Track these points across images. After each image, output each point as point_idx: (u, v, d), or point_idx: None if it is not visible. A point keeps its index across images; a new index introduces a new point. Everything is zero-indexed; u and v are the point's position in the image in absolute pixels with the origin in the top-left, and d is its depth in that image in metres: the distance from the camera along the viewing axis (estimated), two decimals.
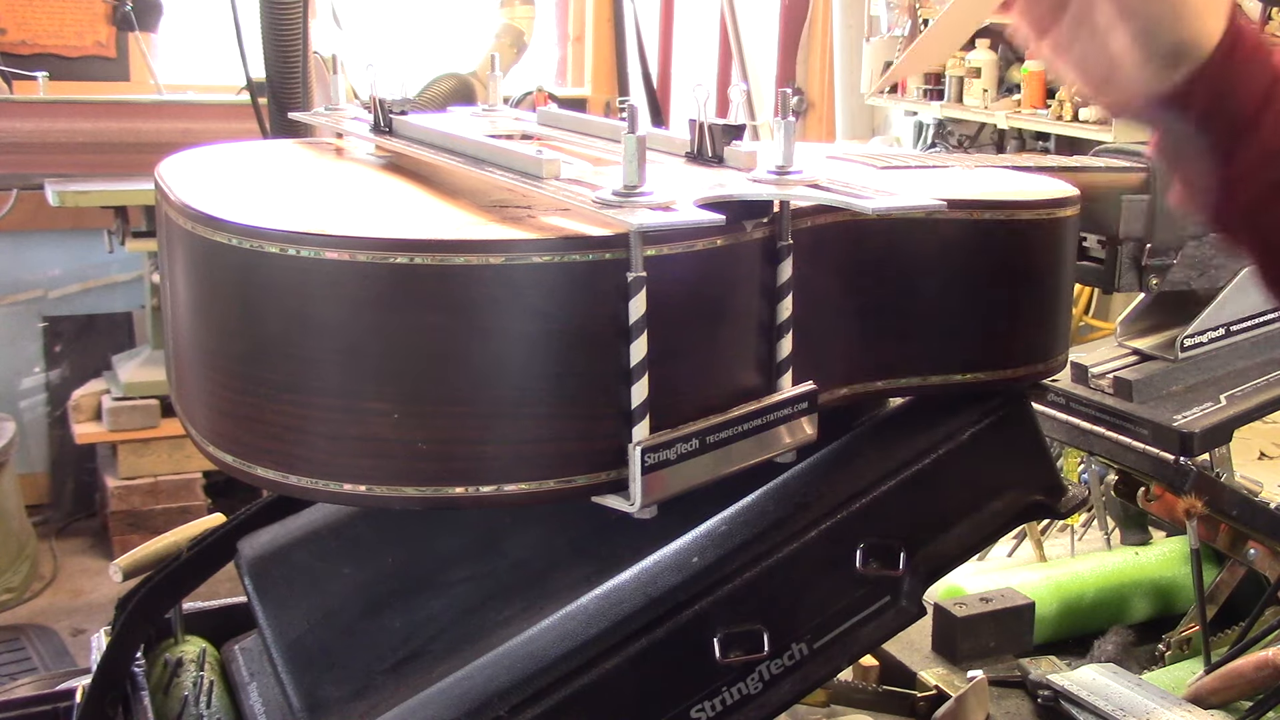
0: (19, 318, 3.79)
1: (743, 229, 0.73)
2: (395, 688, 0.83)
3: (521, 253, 0.66)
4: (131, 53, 3.80)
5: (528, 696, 0.75)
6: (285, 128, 1.54)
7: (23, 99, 3.41)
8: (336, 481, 0.68)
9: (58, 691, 1.50)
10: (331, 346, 0.66)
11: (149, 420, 3.48)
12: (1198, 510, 1.16)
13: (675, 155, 0.90)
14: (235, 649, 1.12)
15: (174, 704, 1.07)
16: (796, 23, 4.39)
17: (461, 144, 0.87)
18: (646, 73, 4.07)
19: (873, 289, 0.83)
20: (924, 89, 3.84)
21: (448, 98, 3.48)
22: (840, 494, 0.82)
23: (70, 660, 3.01)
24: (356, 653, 0.89)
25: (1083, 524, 1.45)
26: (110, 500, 3.51)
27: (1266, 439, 1.69)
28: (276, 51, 1.55)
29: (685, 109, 4.25)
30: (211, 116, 3.35)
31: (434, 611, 0.89)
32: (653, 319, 0.68)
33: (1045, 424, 1.16)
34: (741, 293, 0.74)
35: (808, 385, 0.78)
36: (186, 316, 0.74)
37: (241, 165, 0.94)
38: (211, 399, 0.72)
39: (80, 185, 3.18)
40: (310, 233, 0.66)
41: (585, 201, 0.70)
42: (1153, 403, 1.17)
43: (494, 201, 0.77)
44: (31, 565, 3.46)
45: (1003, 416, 0.89)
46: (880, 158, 0.92)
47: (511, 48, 3.84)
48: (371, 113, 0.98)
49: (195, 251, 0.72)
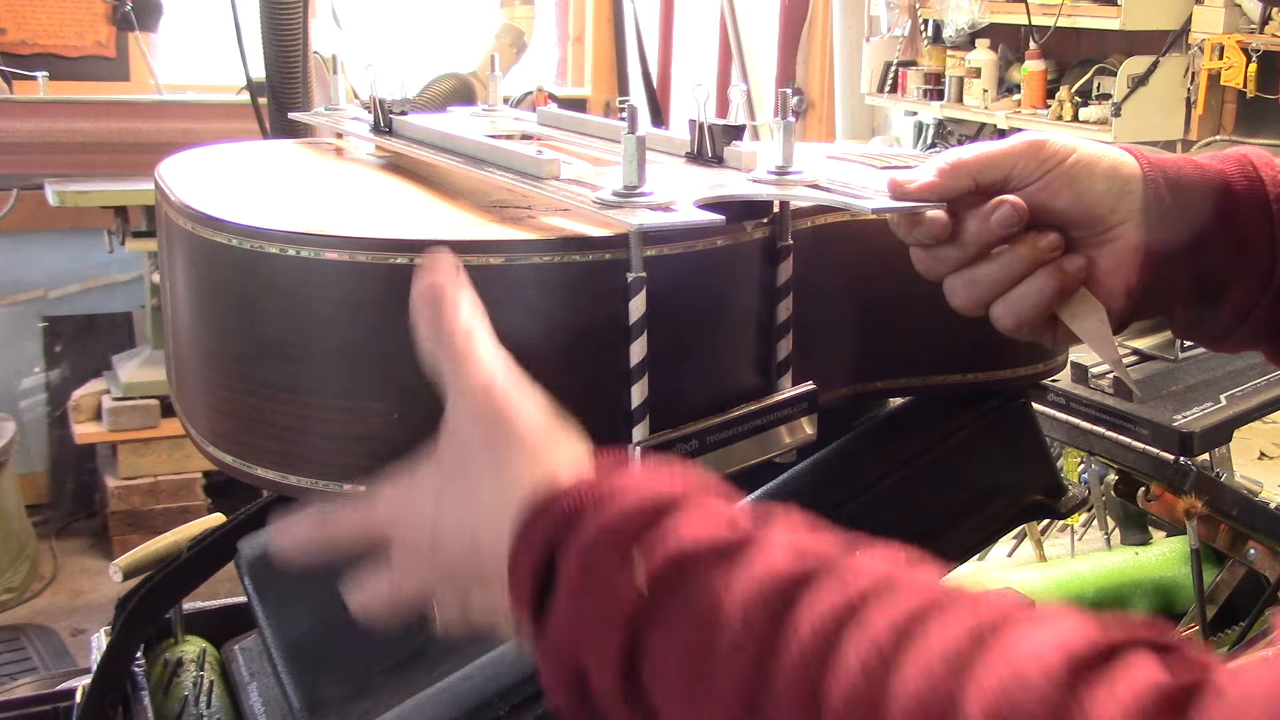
0: (19, 318, 3.79)
1: (743, 229, 0.73)
2: (395, 688, 0.83)
3: (521, 253, 0.66)
4: (131, 53, 3.80)
5: (528, 696, 0.75)
6: (285, 128, 1.54)
7: (23, 99, 3.41)
8: (336, 482, 0.68)
9: (58, 691, 1.50)
10: (331, 347, 0.66)
11: (149, 420, 3.48)
12: (1198, 510, 1.16)
13: (675, 155, 0.90)
14: (235, 649, 1.12)
15: (174, 704, 1.07)
16: (796, 23, 4.39)
17: (461, 144, 0.87)
18: (646, 73, 4.07)
19: (873, 289, 0.83)
20: (924, 89, 3.84)
21: (448, 98, 3.48)
22: (840, 494, 0.82)
23: (70, 660, 3.01)
24: (356, 653, 0.88)
25: (1083, 524, 1.45)
26: (110, 500, 3.51)
27: (1266, 439, 1.69)
28: (276, 51, 1.55)
29: (685, 109, 4.25)
30: (211, 116, 3.35)
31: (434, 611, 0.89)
32: (652, 319, 0.68)
33: (1045, 424, 1.16)
34: (741, 293, 0.74)
35: (808, 385, 0.78)
36: (186, 317, 0.74)
37: (241, 165, 0.94)
38: (211, 399, 0.72)
39: (80, 185, 3.18)
40: (310, 233, 0.66)
41: (585, 202, 0.70)
42: (1153, 403, 1.17)
43: (494, 202, 0.77)
44: (31, 565, 3.46)
45: (1003, 416, 0.89)
46: (880, 158, 0.92)
47: (511, 48, 3.84)
48: (371, 113, 0.98)
49: (195, 252, 0.72)
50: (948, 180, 0.74)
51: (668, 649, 0.52)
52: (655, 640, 0.52)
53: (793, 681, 0.48)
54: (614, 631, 0.52)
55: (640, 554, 0.53)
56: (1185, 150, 3.20)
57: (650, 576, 0.52)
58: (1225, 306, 0.77)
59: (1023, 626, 0.47)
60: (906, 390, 0.88)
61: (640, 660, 0.53)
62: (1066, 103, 3.38)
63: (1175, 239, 0.75)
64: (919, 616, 0.48)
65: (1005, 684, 0.44)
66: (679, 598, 0.52)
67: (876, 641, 0.47)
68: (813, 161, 0.84)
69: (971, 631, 0.47)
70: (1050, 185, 0.74)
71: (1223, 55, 3.03)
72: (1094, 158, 0.75)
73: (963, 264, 0.75)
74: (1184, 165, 0.76)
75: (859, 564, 0.52)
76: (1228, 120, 3.21)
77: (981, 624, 0.47)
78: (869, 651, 0.47)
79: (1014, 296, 0.74)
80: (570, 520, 0.55)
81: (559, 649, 0.55)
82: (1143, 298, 0.76)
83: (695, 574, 0.52)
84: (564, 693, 0.56)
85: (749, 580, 0.51)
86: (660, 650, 0.52)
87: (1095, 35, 3.50)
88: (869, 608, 0.49)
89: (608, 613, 0.53)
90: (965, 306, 0.76)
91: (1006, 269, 0.74)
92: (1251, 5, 3.04)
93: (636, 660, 0.53)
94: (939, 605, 0.48)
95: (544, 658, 0.56)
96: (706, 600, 0.51)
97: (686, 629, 0.51)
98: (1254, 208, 0.76)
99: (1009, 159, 0.74)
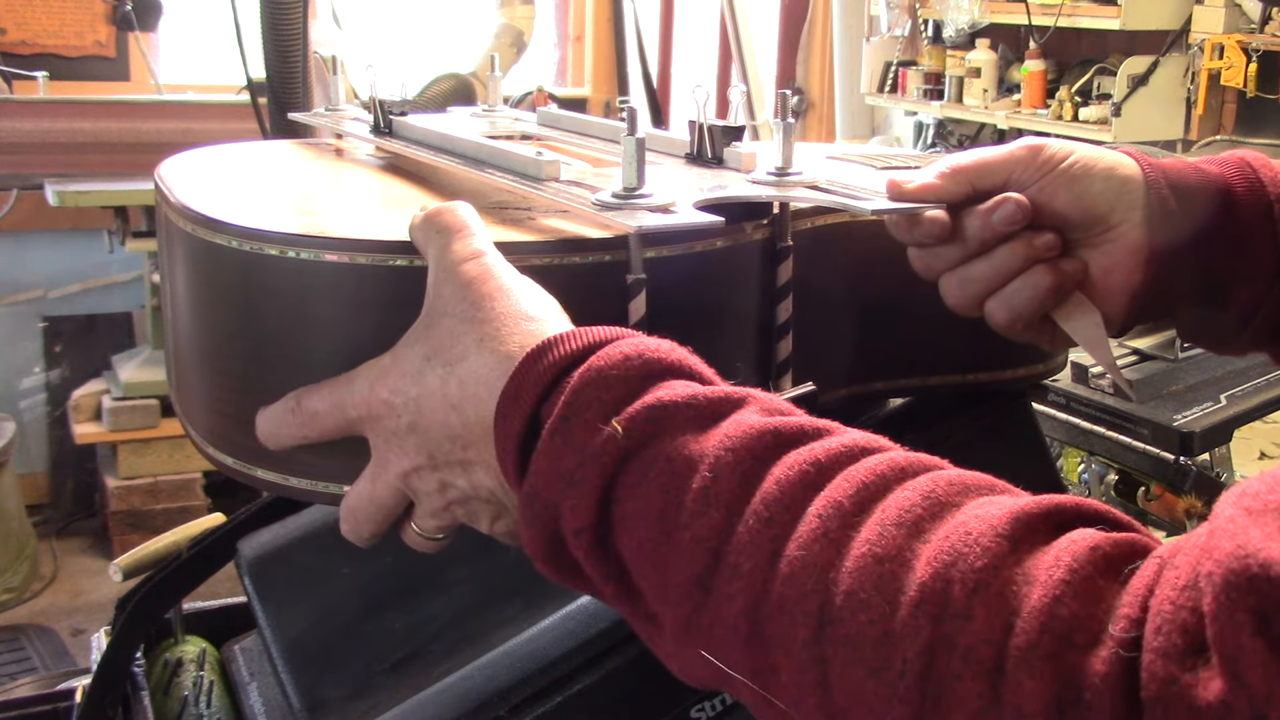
0: (19, 318, 3.79)
1: (742, 230, 0.73)
2: (395, 688, 0.83)
3: (521, 255, 0.66)
4: (131, 53, 3.80)
5: (528, 696, 0.75)
6: (285, 128, 1.54)
7: (23, 99, 3.41)
8: (336, 483, 0.68)
9: (58, 691, 1.50)
10: (331, 348, 0.66)
11: (149, 420, 3.48)
12: (1198, 510, 1.16)
13: (675, 156, 0.90)
14: (235, 649, 1.12)
15: (174, 704, 1.07)
16: (796, 23, 4.39)
17: (461, 145, 0.87)
18: (646, 73, 4.07)
19: (873, 289, 0.83)
20: (924, 89, 3.84)
21: (448, 98, 3.48)
22: None
23: (70, 660, 3.01)
24: (356, 653, 0.89)
25: None
26: (110, 500, 3.51)
27: (1266, 439, 1.69)
28: (276, 51, 1.55)
29: (685, 109, 4.25)
30: (211, 116, 3.35)
31: (434, 611, 0.89)
32: (652, 320, 0.68)
33: (1045, 424, 1.16)
34: (741, 294, 0.75)
35: (808, 386, 0.78)
36: (186, 318, 0.74)
37: (241, 166, 0.94)
38: (211, 400, 0.72)
39: (80, 185, 3.18)
40: (310, 235, 0.66)
41: (585, 203, 0.70)
42: (1153, 403, 1.17)
43: (494, 203, 0.77)
44: (31, 565, 3.46)
45: (1003, 416, 0.90)
46: (880, 158, 0.92)
47: (511, 48, 3.84)
48: (371, 113, 0.98)
49: (195, 253, 0.72)
50: (947, 183, 0.74)
51: (638, 493, 0.53)
52: (627, 483, 0.53)
53: (754, 531, 0.50)
54: (589, 472, 0.53)
55: (621, 404, 0.54)
56: (1185, 150, 3.20)
57: (627, 422, 0.53)
58: (1230, 309, 0.77)
59: (980, 496, 0.49)
60: (906, 390, 0.88)
61: (612, 505, 0.53)
62: (1066, 103, 3.38)
63: (1177, 240, 0.75)
64: (883, 480, 0.50)
65: (952, 539, 0.46)
66: (654, 445, 0.53)
67: (837, 500, 0.49)
68: (812, 162, 0.84)
69: (928, 497, 0.48)
70: (1048, 187, 0.74)
71: (1223, 55, 3.03)
72: (1092, 159, 0.75)
73: (960, 262, 0.75)
74: (1183, 168, 0.76)
75: (833, 433, 0.53)
76: (1228, 120, 3.21)
77: (940, 491, 0.49)
78: (828, 508, 0.49)
79: (1008, 292, 0.74)
80: (556, 371, 0.56)
81: (537, 496, 0.55)
82: (1145, 300, 0.76)
83: (671, 424, 0.54)
84: (541, 546, 0.56)
85: (722, 434, 0.53)
86: (632, 494, 0.53)
87: (1095, 35, 3.50)
88: (835, 468, 0.51)
89: (584, 454, 0.53)
90: (959, 304, 0.76)
91: (1001, 266, 0.74)
92: (1251, 5, 3.04)
93: (608, 506, 0.54)
94: (904, 472, 0.50)
95: (523, 509, 0.56)
96: (680, 449, 0.53)
97: (658, 475, 0.52)
98: (1255, 209, 0.76)
99: (1007, 164, 0.75)
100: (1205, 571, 0.40)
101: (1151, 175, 0.75)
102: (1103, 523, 0.47)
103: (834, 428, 0.54)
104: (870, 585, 0.46)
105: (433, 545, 0.67)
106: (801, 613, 0.47)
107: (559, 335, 0.58)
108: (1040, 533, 0.46)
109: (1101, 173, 0.74)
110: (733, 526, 0.50)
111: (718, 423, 0.54)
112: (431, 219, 0.64)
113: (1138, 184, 0.75)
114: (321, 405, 0.64)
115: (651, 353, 0.57)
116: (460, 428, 0.60)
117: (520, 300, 0.61)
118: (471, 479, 0.61)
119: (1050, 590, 0.43)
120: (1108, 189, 0.74)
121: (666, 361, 0.57)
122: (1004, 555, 0.44)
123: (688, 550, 0.51)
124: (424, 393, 0.60)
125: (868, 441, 0.53)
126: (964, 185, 0.74)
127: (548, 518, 0.55)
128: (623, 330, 0.59)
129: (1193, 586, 0.40)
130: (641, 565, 0.53)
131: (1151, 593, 0.42)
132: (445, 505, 0.63)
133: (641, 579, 0.53)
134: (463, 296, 0.61)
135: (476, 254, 0.62)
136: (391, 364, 0.62)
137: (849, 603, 0.46)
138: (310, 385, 0.65)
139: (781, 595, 0.48)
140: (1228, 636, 0.38)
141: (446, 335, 0.60)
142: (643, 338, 0.58)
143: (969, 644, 0.43)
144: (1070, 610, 0.42)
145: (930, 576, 0.45)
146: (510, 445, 0.57)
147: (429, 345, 0.61)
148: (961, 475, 0.50)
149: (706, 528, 0.51)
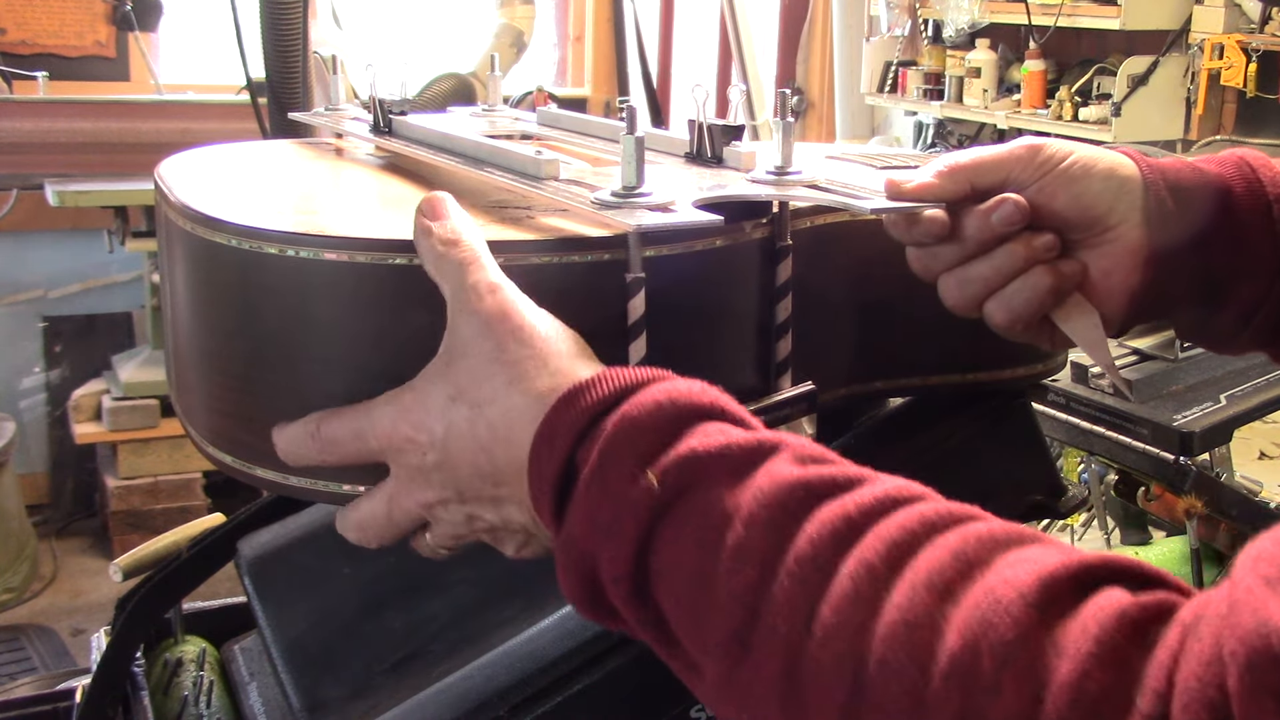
0: (19, 318, 3.79)
1: (742, 229, 0.73)
2: (395, 688, 0.83)
3: (520, 253, 0.66)
4: (131, 53, 3.80)
5: (528, 696, 0.75)
6: (285, 128, 1.54)
7: (23, 99, 3.41)
8: (336, 482, 0.68)
9: (58, 691, 1.51)
10: (331, 347, 0.66)
11: (149, 420, 3.48)
12: (1198, 510, 1.16)
13: (674, 156, 0.90)
14: (235, 649, 1.12)
15: (174, 704, 1.07)
16: (796, 23, 4.39)
17: (461, 144, 0.87)
18: (646, 73, 4.07)
19: (872, 289, 0.83)
20: (924, 89, 3.84)
21: (448, 98, 3.48)
22: None
23: (70, 660, 3.01)
24: (356, 653, 0.89)
25: (1083, 524, 1.45)
26: (110, 500, 3.51)
27: (1266, 439, 1.69)
28: (276, 51, 1.55)
29: (685, 109, 4.25)
30: (211, 116, 3.35)
31: (434, 611, 0.89)
32: (652, 319, 0.68)
33: (1045, 424, 1.16)
34: (740, 293, 0.74)
35: (807, 385, 0.78)
36: (186, 317, 0.74)
37: (241, 165, 0.94)
38: (211, 399, 0.72)
39: (80, 185, 3.18)
40: (309, 234, 0.66)
41: (584, 202, 0.70)
42: (1153, 403, 1.17)
43: (493, 202, 0.77)
44: (31, 565, 3.46)
45: (1003, 416, 0.89)
46: (879, 158, 0.92)
47: (511, 48, 3.84)
48: (371, 113, 0.98)
49: (194, 252, 0.72)
50: (945, 183, 0.74)
51: (676, 548, 0.53)
52: (664, 536, 0.53)
53: (789, 591, 0.50)
54: (626, 523, 0.54)
55: (656, 453, 0.55)
56: (1185, 150, 3.20)
57: (662, 473, 0.54)
58: (1229, 309, 0.77)
59: (1009, 553, 0.48)
60: (906, 390, 0.88)
61: (650, 556, 0.54)
62: (1066, 102, 3.38)
63: (1176, 241, 0.75)
64: (914, 538, 0.50)
65: (981, 606, 0.46)
66: (689, 496, 0.53)
67: (869, 560, 0.49)
68: (812, 162, 0.84)
69: (958, 556, 0.48)
70: (1047, 187, 0.74)
71: (1223, 55, 3.03)
72: (1091, 159, 0.75)
73: (959, 263, 0.75)
74: (1182, 168, 0.76)
75: (864, 483, 0.53)
76: (1228, 120, 3.21)
77: (970, 550, 0.48)
78: (860, 568, 0.49)
79: (1008, 292, 0.74)
80: (590, 416, 0.56)
81: (575, 544, 0.56)
82: (1145, 300, 0.76)
83: (706, 475, 0.54)
84: (579, 592, 0.57)
85: (756, 488, 0.53)
86: (669, 547, 0.53)
87: (1095, 35, 3.50)
88: (867, 524, 0.51)
89: (622, 505, 0.54)
90: (958, 305, 0.76)
91: (1000, 266, 0.74)
92: (1251, 5, 3.04)
93: (645, 557, 0.54)
94: (934, 528, 0.50)
95: (561, 555, 0.57)
96: (715, 504, 0.53)
97: (694, 530, 0.53)
98: (1254, 209, 0.76)
99: (1006, 163, 0.75)
100: (1229, 650, 0.40)
101: (1150, 176, 0.75)
102: (1130, 579, 0.47)
103: (866, 475, 0.54)
104: (903, 653, 0.46)
105: (444, 555, 0.67)
106: (836, 677, 0.48)
107: (592, 378, 0.58)
108: (1069, 595, 0.46)
109: (1101, 173, 0.74)
110: (768, 585, 0.51)
111: (752, 472, 0.54)
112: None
113: (1136, 184, 0.75)
114: (342, 433, 0.64)
115: (683, 397, 0.57)
116: (490, 468, 0.60)
117: (544, 338, 0.61)
118: (502, 514, 0.62)
119: (1079, 664, 0.43)
120: (1107, 189, 0.74)
121: (699, 405, 0.57)
122: (1032, 625, 0.44)
123: (725, 607, 0.51)
124: (451, 433, 0.60)
125: (899, 491, 0.53)
126: (962, 184, 0.74)
127: (585, 565, 0.56)
128: (655, 372, 0.59)
129: (1217, 661, 0.40)
130: (680, 618, 0.54)
131: (1177, 663, 0.42)
132: (470, 532, 0.64)
133: (680, 630, 0.54)
134: (486, 334, 0.61)
135: (493, 288, 0.62)
136: (414, 401, 0.62)
137: (881, 672, 0.46)
138: (330, 410, 0.65)
139: (817, 659, 0.48)
140: (1253, 716, 0.38)
141: (471, 375, 0.60)
142: (675, 380, 0.58)
143: (999, 719, 0.43)
144: (1098, 684, 0.42)
145: (960, 648, 0.45)
146: (546, 488, 0.57)
147: (453, 385, 0.61)
148: (991, 529, 0.50)
149: (742, 585, 0.51)
